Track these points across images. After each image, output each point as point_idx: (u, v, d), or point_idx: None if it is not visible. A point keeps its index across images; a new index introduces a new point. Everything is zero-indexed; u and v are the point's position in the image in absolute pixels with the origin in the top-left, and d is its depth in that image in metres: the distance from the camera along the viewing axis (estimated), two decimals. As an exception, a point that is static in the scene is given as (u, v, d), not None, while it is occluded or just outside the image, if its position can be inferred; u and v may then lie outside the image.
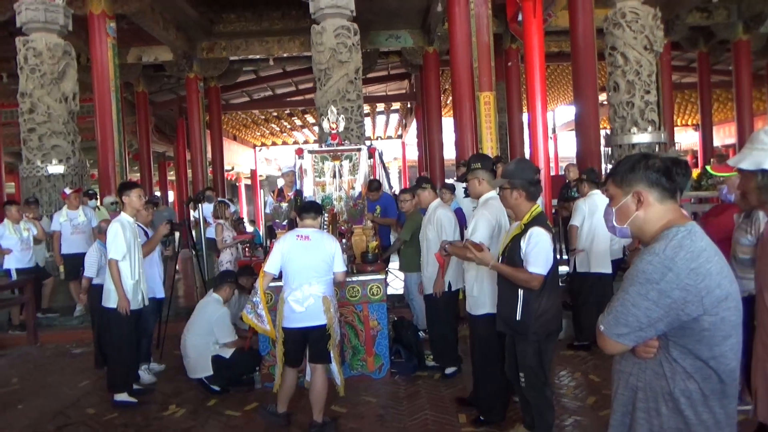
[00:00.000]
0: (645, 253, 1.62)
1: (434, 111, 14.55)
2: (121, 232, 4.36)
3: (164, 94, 19.01)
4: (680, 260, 1.54)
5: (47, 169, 8.02)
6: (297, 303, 3.70)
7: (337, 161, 7.64)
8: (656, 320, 1.56)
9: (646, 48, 7.94)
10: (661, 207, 1.68)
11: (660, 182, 1.67)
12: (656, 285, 1.54)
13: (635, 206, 1.70)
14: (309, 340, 3.77)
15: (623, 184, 1.73)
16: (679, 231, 1.61)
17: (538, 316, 3.12)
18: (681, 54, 17.51)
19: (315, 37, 7.95)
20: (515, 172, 3.22)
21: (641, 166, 1.70)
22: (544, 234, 3.08)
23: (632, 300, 1.58)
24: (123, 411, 4.35)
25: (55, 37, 8.05)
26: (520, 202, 3.20)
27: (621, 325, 1.60)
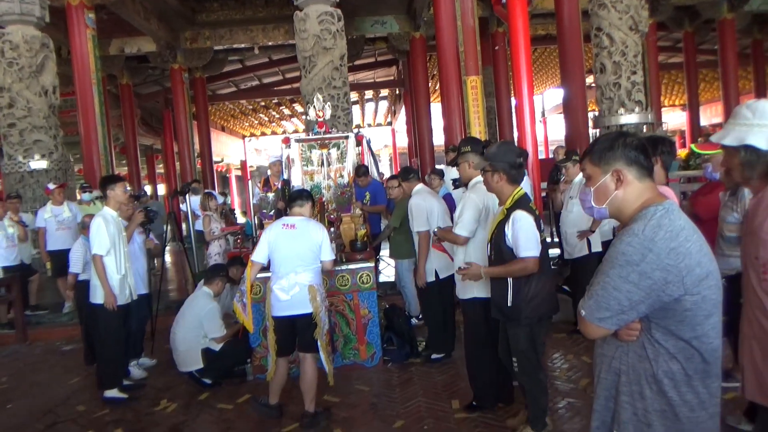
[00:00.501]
0: (624, 234, 1.59)
1: (422, 97, 14.47)
2: (104, 227, 4.29)
3: (149, 85, 18.77)
4: (660, 240, 1.52)
5: (29, 164, 7.90)
6: (282, 291, 3.67)
7: (325, 149, 7.57)
8: (638, 302, 1.54)
9: (632, 28, 7.90)
10: (640, 185, 1.66)
11: (638, 160, 1.65)
12: (636, 267, 1.52)
13: (614, 185, 1.67)
14: (296, 329, 3.74)
15: (601, 162, 1.70)
16: (657, 210, 1.59)
17: (528, 300, 3.11)
18: (667, 34, 17.48)
19: (298, 24, 7.84)
20: (497, 154, 3.19)
21: (620, 144, 1.67)
22: (526, 216, 3.06)
23: (613, 283, 1.55)
24: (113, 407, 4.31)
25: (32, 30, 7.88)
26: (501, 185, 3.18)
27: (602, 309, 1.58)
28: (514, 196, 3.14)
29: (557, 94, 24.31)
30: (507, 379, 3.83)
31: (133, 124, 16.84)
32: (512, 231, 3.06)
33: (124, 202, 4.62)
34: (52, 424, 4.12)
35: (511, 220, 3.07)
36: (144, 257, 5.05)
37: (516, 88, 7.08)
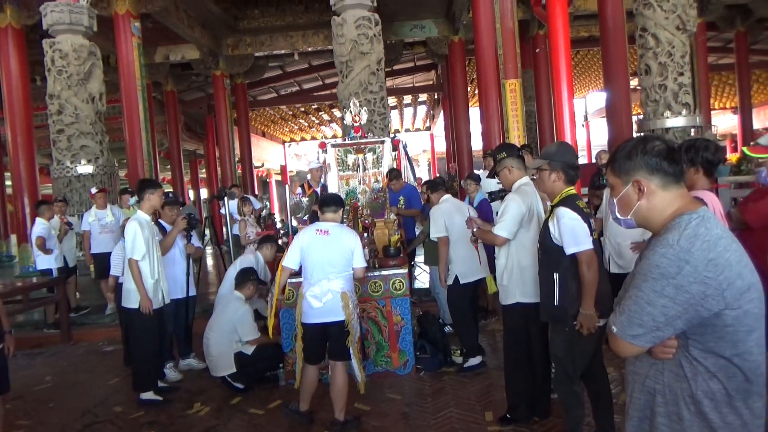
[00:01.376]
0: (657, 245, 1.48)
1: (461, 101, 14.34)
2: (139, 231, 4.36)
3: (193, 92, 19.24)
4: (697, 251, 1.41)
5: (76, 169, 8.16)
6: (315, 298, 3.64)
7: (361, 154, 7.57)
8: (674, 318, 1.43)
9: (679, 28, 7.61)
10: (666, 194, 1.55)
11: (661, 167, 1.54)
12: (672, 280, 1.41)
13: (636, 196, 1.57)
14: (328, 336, 3.71)
15: (621, 172, 1.60)
16: (692, 218, 1.47)
17: (570, 301, 2.97)
18: (717, 34, 16.86)
19: (336, 29, 7.86)
20: (556, 153, 3.11)
21: (638, 152, 1.56)
22: (569, 212, 2.94)
23: (647, 297, 1.45)
24: (148, 409, 4.36)
25: (80, 38, 8.15)
26: (557, 184, 3.09)
27: (635, 326, 1.47)
28: (562, 195, 3.07)
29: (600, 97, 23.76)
30: (544, 392, 3.70)
31: (177, 130, 17.28)
32: (557, 228, 2.97)
33: (159, 208, 4.69)
34: (90, 424, 4.19)
35: (555, 218, 2.99)
36: (184, 261, 5.12)
37: (555, 90, 6.90)
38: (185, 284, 5.09)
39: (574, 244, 2.93)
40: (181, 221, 4.92)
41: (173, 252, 5.01)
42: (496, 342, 5.31)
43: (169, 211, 5.07)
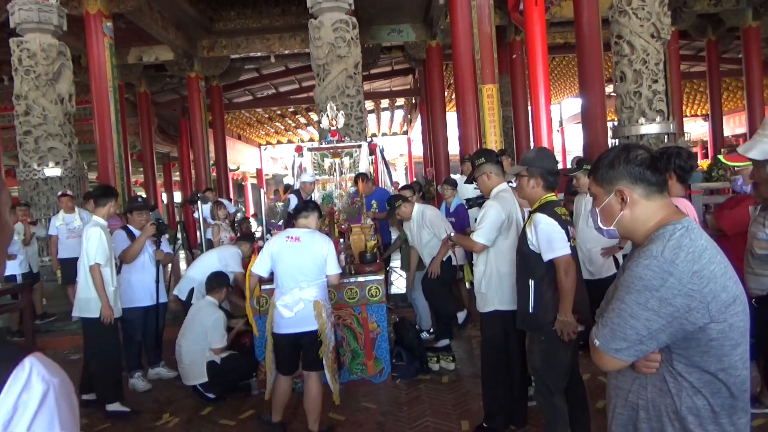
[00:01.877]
0: (641, 257, 1.44)
1: (438, 106, 14.36)
2: (103, 236, 4.22)
3: (167, 94, 18.91)
4: (681, 262, 1.38)
5: (44, 171, 7.91)
6: (286, 308, 3.53)
7: (338, 158, 7.50)
8: (658, 331, 1.39)
9: (653, 36, 7.70)
10: (649, 204, 1.52)
11: (644, 177, 1.51)
12: (656, 292, 1.37)
13: (619, 206, 1.54)
14: (301, 346, 3.60)
15: (604, 181, 1.57)
16: (676, 229, 1.44)
17: (544, 309, 2.92)
18: (689, 43, 17.20)
19: (313, 32, 7.78)
20: (535, 159, 3.06)
21: (621, 161, 1.53)
22: (545, 218, 2.90)
23: (630, 310, 1.41)
24: (116, 421, 4.21)
25: (49, 38, 7.92)
26: (536, 190, 3.05)
27: (618, 339, 1.43)
28: (541, 201, 3.02)
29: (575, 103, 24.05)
30: (522, 400, 3.66)
31: (150, 132, 16.95)
32: (535, 234, 2.93)
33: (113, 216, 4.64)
34: (52, 437, 4.02)
35: (533, 224, 2.95)
36: (154, 268, 4.97)
37: (533, 95, 6.91)
38: (155, 291, 4.95)
39: (551, 250, 2.89)
40: (150, 227, 4.80)
41: (142, 258, 4.87)
42: (473, 349, 5.27)
43: (137, 216, 4.93)
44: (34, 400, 0.81)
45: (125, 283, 4.82)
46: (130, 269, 4.84)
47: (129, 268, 4.84)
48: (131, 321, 4.83)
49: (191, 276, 5.21)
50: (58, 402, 0.83)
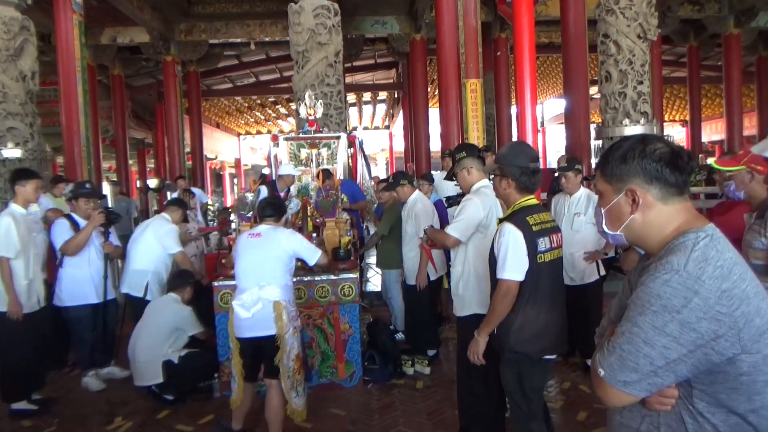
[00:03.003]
0: (658, 270, 1.19)
1: (421, 101, 14.14)
2: (13, 226, 3.89)
3: (142, 78, 18.34)
4: (708, 279, 1.14)
5: (2, 152, 7.47)
6: (243, 308, 3.22)
7: (315, 149, 7.24)
8: (676, 362, 1.16)
9: (640, 36, 7.58)
10: (666, 208, 1.28)
11: (662, 175, 1.27)
12: (677, 314, 1.14)
13: (629, 207, 1.31)
14: (261, 352, 3.31)
15: (613, 177, 1.33)
16: (699, 237, 1.21)
17: (514, 331, 2.57)
18: (671, 48, 17.25)
19: (292, 17, 7.48)
20: (507, 156, 2.69)
21: (636, 155, 1.29)
22: (513, 231, 2.54)
23: (644, 335, 1.17)
24: (62, 424, 3.90)
25: (11, 11, 7.47)
26: (509, 192, 2.68)
27: (628, 370, 1.19)
28: (515, 206, 2.67)
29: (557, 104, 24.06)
30: (500, 410, 3.45)
31: (123, 117, 16.40)
32: (497, 245, 2.61)
33: (32, 200, 4.24)
34: (-9, 440, 3.72)
35: (498, 233, 2.63)
36: (101, 261, 4.59)
37: (518, 90, 6.72)
38: (102, 287, 4.58)
39: (502, 269, 2.57)
40: (98, 216, 4.42)
41: (87, 251, 4.50)
42: (449, 352, 5.06)
43: (84, 204, 4.54)
44: None
45: (68, 278, 4.46)
46: (74, 263, 4.46)
47: (72, 262, 4.45)
48: (78, 319, 4.48)
49: (140, 269, 4.76)
50: None
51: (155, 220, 5.03)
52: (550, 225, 2.72)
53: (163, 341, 4.26)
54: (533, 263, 2.58)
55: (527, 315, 2.58)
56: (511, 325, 2.59)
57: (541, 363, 2.69)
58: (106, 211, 4.54)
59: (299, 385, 3.32)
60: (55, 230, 4.49)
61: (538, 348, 2.62)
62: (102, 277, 4.57)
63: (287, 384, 3.27)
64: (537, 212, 2.67)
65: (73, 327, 4.53)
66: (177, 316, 4.38)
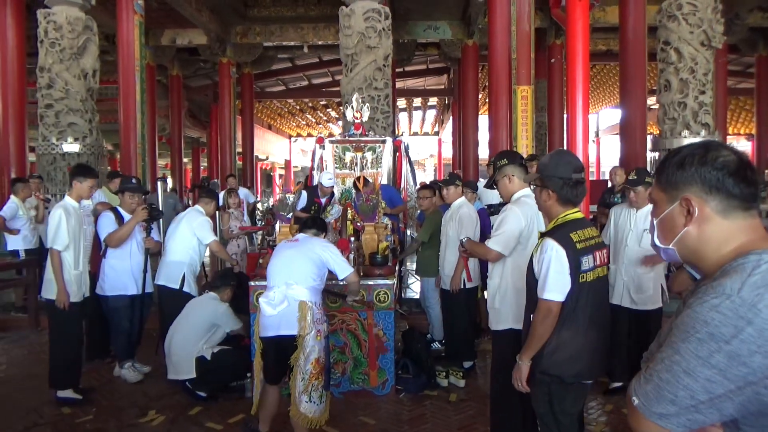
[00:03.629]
0: (708, 293, 1.06)
1: (471, 107, 13.97)
2: (65, 220, 4.02)
3: (199, 78, 18.87)
4: (766, 308, 0.99)
5: (62, 147, 7.79)
6: (269, 305, 3.20)
7: (360, 152, 7.21)
8: (721, 398, 1.02)
9: (703, 44, 7.22)
10: (726, 223, 1.14)
11: (723, 185, 1.12)
12: (726, 345, 1.00)
13: (683, 219, 1.17)
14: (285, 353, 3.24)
15: (669, 185, 1.20)
16: (762, 260, 1.05)
17: (550, 351, 2.43)
18: (737, 58, 16.43)
19: (343, 20, 7.49)
20: (548, 166, 2.52)
21: (695, 161, 1.15)
22: (556, 248, 2.39)
23: (686, 364, 1.04)
24: (98, 414, 3.98)
25: (76, 11, 7.79)
26: (551, 204, 2.53)
27: (666, 402, 1.06)
28: (558, 220, 2.51)
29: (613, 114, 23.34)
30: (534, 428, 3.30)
31: (179, 116, 16.90)
32: (538, 262, 2.46)
33: (86, 197, 4.40)
34: (31, 426, 3.82)
35: (539, 249, 2.48)
36: (142, 255, 4.71)
37: (569, 97, 6.50)
38: (142, 280, 4.68)
39: (542, 289, 2.41)
40: (142, 211, 4.53)
41: (129, 244, 4.62)
42: (486, 365, 4.90)
43: (129, 199, 4.66)
44: None
45: (110, 268, 4.58)
46: (116, 254, 4.58)
47: (115, 253, 4.58)
48: (117, 309, 4.60)
49: (177, 260, 4.80)
50: None
51: (189, 213, 5.09)
52: (595, 242, 2.54)
53: (199, 337, 4.31)
54: (575, 283, 2.42)
55: (563, 336, 2.42)
56: (546, 345, 2.44)
57: (574, 386, 2.52)
58: (149, 207, 4.64)
59: (314, 390, 3.21)
60: (101, 222, 4.63)
61: (572, 371, 2.46)
62: (141, 271, 4.68)
63: (299, 386, 3.19)
64: (581, 228, 2.50)
65: (111, 316, 4.66)
66: (215, 312, 4.44)
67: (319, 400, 3.25)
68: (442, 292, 4.99)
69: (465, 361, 4.80)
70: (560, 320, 2.42)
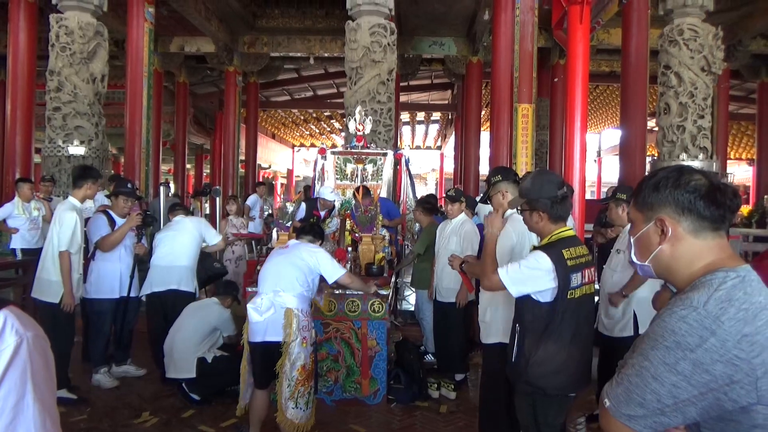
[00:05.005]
0: (677, 305, 1.15)
1: (473, 123, 14.09)
2: (79, 223, 4.08)
3: (206, 86, 19.06)
4: (728, 320, 1.08)
5: (68, 149, 7.88)
6: (256, 311, 3.25)
7: (361, 164, 7.30)
8: (686, 403, 1.10)
9: (704, 69, 7.33)
10: (697, 242, 1.22)
11: (695, 208, 1.21)
12: (690, 353, 1.08)
13: (658, 238, 1.26)
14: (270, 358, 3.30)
15: (644, 206, 1.29)
16: (728, 277, 1.15)
17: (535, 363, 2.47)
18: (740, 84, 16.58)
19: (349, 34, 7.61)
20: (532, 189, 2.56)
21: (669, 184, 1.24)
22: (542, 256, 2.45)
23: (654, 370, 1.12)
24: (92, 414, 4.03)
25: (88, 17, 7.92)
26: (542, 225, 2.58)
27: (634, 404, 1.14)
28: (551, 237, 2.56)
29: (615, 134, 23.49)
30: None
31: (184, 122, 17.04)
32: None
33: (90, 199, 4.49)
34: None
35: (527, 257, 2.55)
36: (131, 259, 4.70)
37: (568, 116, 6.60)
38: (127, 285, 4.67)
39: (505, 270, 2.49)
40: (136, 217, 4.56)
41: (119, 248, 4.61)
42: (476, 378, 4.94)
43: (122, 203, 4.65)
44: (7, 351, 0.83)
45: (96, 271, 4.57)
46: (105, 257, 4.57)
47: (104, 256, 4.56)
48: (100, 313, 4.58)
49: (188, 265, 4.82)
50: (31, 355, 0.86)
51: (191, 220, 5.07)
52: (585, 260, 2.59)
53: (202, 338, 4.38)
54: (562, 299, 2.47)
55: (548, 350, 2.47)
56: (530, 357, 2.49)
57: (558, 398, 2.58)
58: (144, 213, 4.68)
59: (300, 396, 3.26)
60: (93, 224, 4.61)
61: (556, 384, 2.51)
62: (129, 275, 4.67)
63: (285, 393, 3.24)
64: (573, 245, 2.56)
65: (94, 320, 4.63)
66: (220, 316, 4.53)
67: (305, 406, 3.30)
68: (436, 304, 5.03)
69: (457, 374, 4.84)
70: (545, 334, 2.48)
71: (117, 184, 5.02)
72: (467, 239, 4.67)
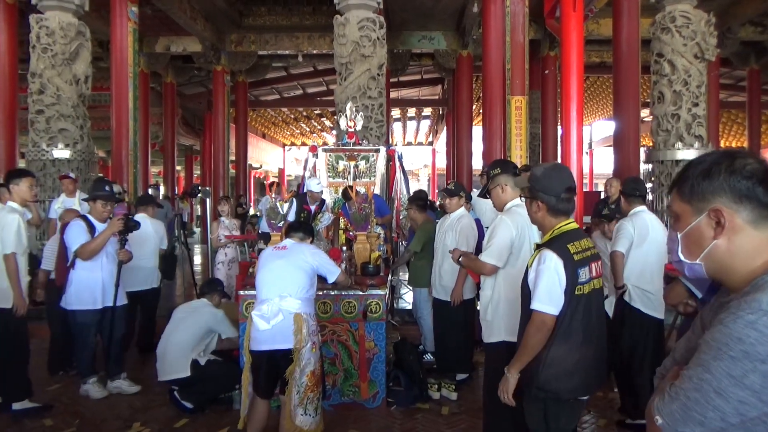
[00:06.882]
0: (742, 308, 1.00)
1: (465, 118, 13.99)
2: (23, 223, 3.94)
3: (194, 86, 18.83)
4: None
5: (52, 152, 7.70)
6: (262, 319, 3.12)
7: (353, 161, 7.17)
8: (754, 421, 0.97)
9: (697, 56, 7.25)
10: (758, 234, 1.08)
11: (754, 194, 1.07)
12: (761, 364, 0.95)
13: (712, 231, 1.11)
14: (278, 366, 3.18)
15: (693, 196, 1.14)
16: None
17: (545, 366, 2.35)
18: (729, 71, 16.57)
19: (337, 29, 7.47)
20: (539, 179, 2.48)
21: (722, 170, 1.10)
22: (554, 259, 2.34)
23: (717, 384, 0.98)
24: (82, 426, 3.88)
25: (69, 17, 7.73)
26: (540, 216, 2.50)
27: (693, 422, 1.00)
28: (554, 231, 2.46)
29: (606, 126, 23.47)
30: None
31: (173, 123, 16.83)
32: (534, 273, 2.40)
33: (28, 199, 4.24)
34: (11, 438, 3.72)
35: (536, 260, 2.42)
36: (114, 266, 4.49)
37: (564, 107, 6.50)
38: (111, 294, 4.45)
39: (536, 299, 2.36)
40: (117, 222, 4.35)
41: (101, 256, 4.38)
42: (479, 377, 4.84)
43: (101, 207, 4.42)
44: None
45: (76, 281, 4.34)
46: (86, 266, 4.34)
47: (84, 265, 4.34)
48: (83, 324, 4.37)
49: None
50: None
51: None
52: (591, 253, 2.48)
53: (197, 341, 4.26)
54: (571, 296, 2.36)
55: (559, 350, 2.35)
56: (541, 360, 2.37)
57: (570, 403, 2.46)
58: (125, 218, 4.44)
59: (310, 403, 3.16)
60: (70, 231, 4.37)
61: (568, 387, 2.39)
62: (113, 284, 4.46)
63: (294, 399, 3.13)
64: (578, 239, 2.46)
65: (77, 331, 4.43)
66: (214, 318, 4.39)
67: (314, 412, 3.21)
68: (435, 302, 4.92)
69: (459, 374, 4.73)
70: (555, 334, 2.36)
71: (93, 187, 4.77)
72: (463, 235, 4.57)
